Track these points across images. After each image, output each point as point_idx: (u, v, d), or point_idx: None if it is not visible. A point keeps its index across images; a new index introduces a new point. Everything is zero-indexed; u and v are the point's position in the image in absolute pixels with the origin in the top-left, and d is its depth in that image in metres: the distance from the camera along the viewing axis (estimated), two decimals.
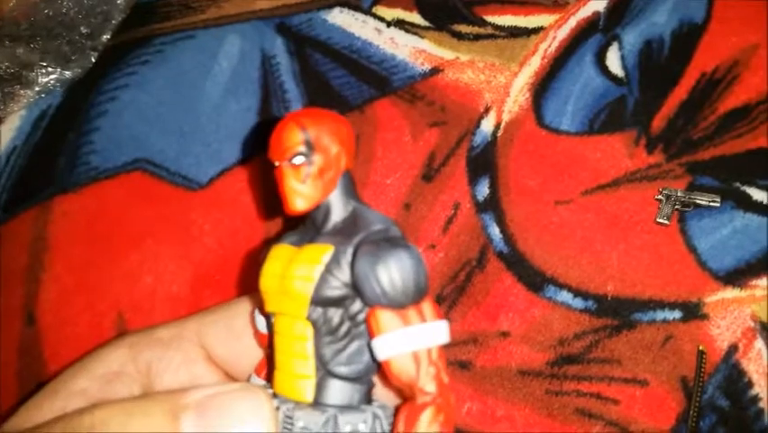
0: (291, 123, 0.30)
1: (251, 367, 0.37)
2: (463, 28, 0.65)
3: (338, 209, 0.30)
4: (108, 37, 0.65)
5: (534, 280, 0.53)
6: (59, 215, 0.56)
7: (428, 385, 0.27)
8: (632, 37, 0.63)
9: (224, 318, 0.39)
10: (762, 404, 0.48)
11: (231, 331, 0.38)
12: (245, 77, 0.63)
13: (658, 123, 0.59)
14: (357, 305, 0.29)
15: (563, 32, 0.64)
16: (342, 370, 0.29)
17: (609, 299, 0.52)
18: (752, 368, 0.49)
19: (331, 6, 0.67)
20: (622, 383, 0.49)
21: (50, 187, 0.58)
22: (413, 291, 0.27)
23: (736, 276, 0.52)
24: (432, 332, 0.28)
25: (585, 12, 0.65)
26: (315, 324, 0.28)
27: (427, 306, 0.28)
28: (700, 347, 0.49)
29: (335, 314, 0.28)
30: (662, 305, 0.51)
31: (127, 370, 0.36)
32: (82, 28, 0.64)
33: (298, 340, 0.28)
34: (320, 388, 0.28)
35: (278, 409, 0.28)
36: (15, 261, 0.54)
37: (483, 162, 0.58)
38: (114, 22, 0.65)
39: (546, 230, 0.55)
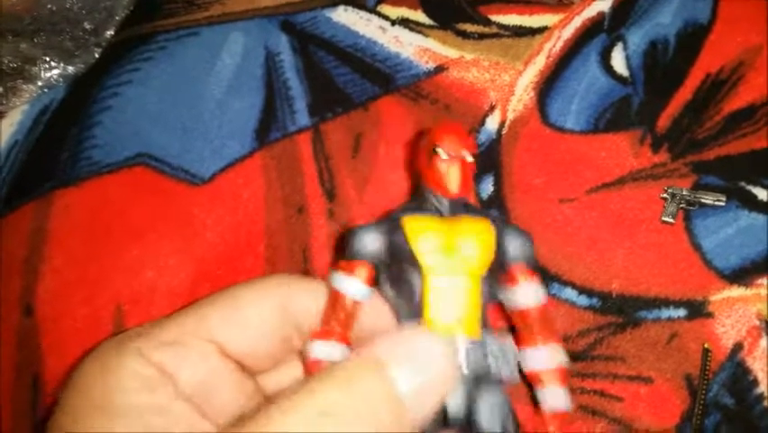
0: (468, 132, 0.41)
1: (265, 355, 0.37)
2: (468, 27, 0.65)
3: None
4: (112, 33, 0.65)
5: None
6: (60, 208, 0.56)
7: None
8: (637, 37, 0.63)
9: (231, 311, 0.37)
10: (767, 403, 0.47)
11: (242, 325, 0.37)
12: (249, 74, 0.63)
13: (663, 122, 0.58)
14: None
15: (568, 32, 0.64)
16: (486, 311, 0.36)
17: (614, 296, 0.52)
18: (757, 366, 0.49)
19: (335, 4, 0.67)
20: (626, 381, 0.49)
21: (52, 181, 0.58)
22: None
23: (741, 275, 0.52)
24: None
25: (590, 12, 0.64)
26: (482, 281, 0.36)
27: None
28: (705, 345, 0.49)
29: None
30: (667, 303, 0.51)
31: (147, 373, 0.34)
32: (86, 23, 0.64)
33: (471, 293, 0.35)
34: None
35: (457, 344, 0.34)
36: (15, 253, 0.54)
37: (488, 160, 0.58)
38: (117, 18, 0.65)
39: (550, 228, 0.55)
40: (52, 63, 0.62)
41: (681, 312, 0.51)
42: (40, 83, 0.62)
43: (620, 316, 0.51)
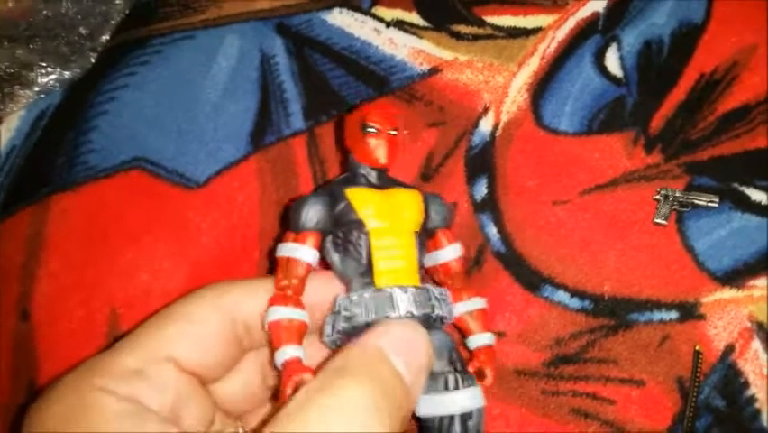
0: (392, 108, 0.46)
1: (220, 362, 0.40)
2: (462, 28, 0.65)
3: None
4: (107, 37, 0.65)
5: (532, 280, 0.53)
6: (56, 213, 0.56)
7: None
8: (631, 38, 0.63)
9: (183, 325, 0.39)
10: (758, 405, 0.48)
11: (195, 339, 0.38)
12: (244, 77, 0.63)
13: (657, 123, 0.58)
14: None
15: (562, 33, 0.64)
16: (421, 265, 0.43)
17: (606, 299, 0.52)
18: (748, 368, 0.49)
19: (330, 7, 0.67)
20: (618, 383, 0.49)
21: (49, 185, 0.58)
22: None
23: (734, 276, 0.52)
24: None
25: (584, 12, 0.65)
26: (415, 237, 0.42)
27: None
28: (697, 347, 0.49)
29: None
30: (659, 305, 0.51)
31: (122, 408, 0.35)
32: (81, 29, 0.64)
33: (409, 248, 0.42)
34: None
35: (406, 291, 0.40)
36: (12, 257, 0.54)
37: (481, 162, 0.58)
38: (113, 22, 0.66)
39: (544, 230, 0.55)
40: (49, 68, 0.63)
41: (673, 314, 0.51)
42: (36, 88, 0.62)
43: (612, 318, 0.51)
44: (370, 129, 0.42)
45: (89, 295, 0.53)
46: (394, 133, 0.43)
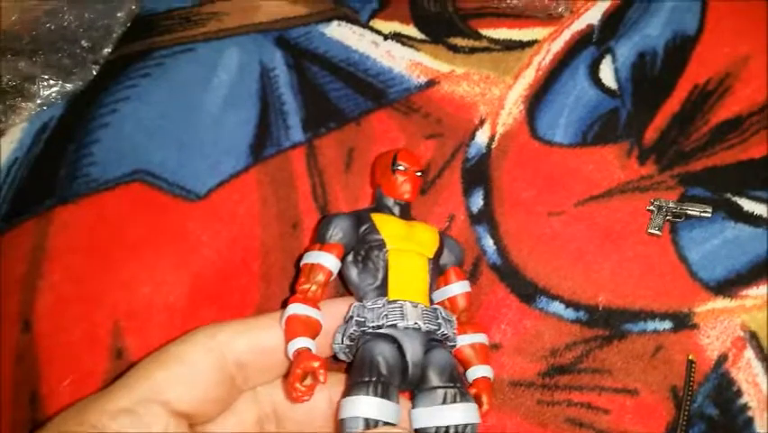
0: (417, 153, 0.54)
1: (212, 402, 0.41)
2: (459, 41, 0.66)
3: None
4: (109, 50, 0.66)
5: (527, 292, 0.54)
6: (58, 225, 0.57)
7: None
8: (625, 49, 0.64)
9: (175, 369, 0.40)
10: (751, 413, 0.48)
11: (187, 381, 0.40)
12: (244, 89, 0.64)
13: (650, 134, 0.59)
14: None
15: (557, 45, 0.64)
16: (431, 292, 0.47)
17: (601, 309, 0.52)
18: (741, 377, 0.50)
19: (329, 20, 0.68)
20: (612, 393, 0.50)
21: (51, 198, 0.58)
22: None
23: (727, 286, 0.53)
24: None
25: (579, 25, 0.65)
26: (430, 263, 0.46)
27: None
28: (690, 356, 0.50)
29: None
30: (652, 315, 0.52)
31: None
32: (83, 41, 0.65)
33: (422, 269, 0.46)
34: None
35: (416, 306, 0.43)
36: (14, 269, 0.55)
37: (478, 174, 0.59)
38: (114, 35, 0.66)
39: (539, 241, 0.56)
40: (51, 81, 0.63)
41: (667, 324, 0.51)
42: (39, 101, 0.63)
43: (607, 329, 0.52)
44: (399, 167, 0.48)
45: (91, 307, 0.54)
46: (420, 174, 0.49)
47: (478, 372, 0.46)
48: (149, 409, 0.37)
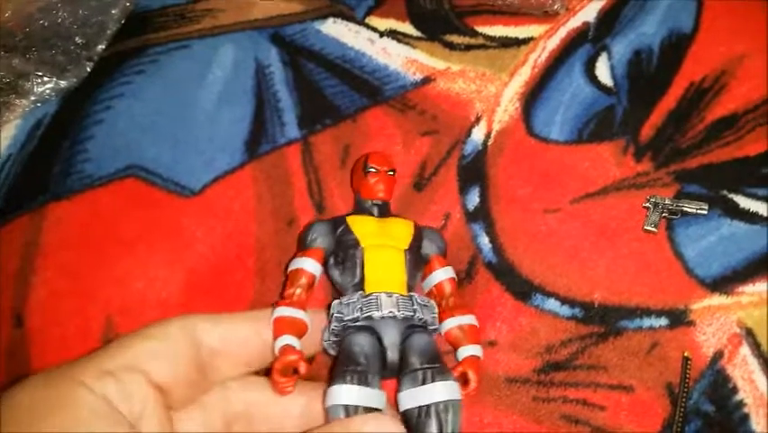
0: (389, 153, 0.57)
1: (185, 384, 0.41)
2: (455, 38, 0.65)
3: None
4: (103, 47, 0.66)
5: (522, 289, 0.53)
6: (52, 221, 0.57)
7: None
8: (621, 47, 0.64)
9: (154, 343, 0.40)
10: (746, 409, 0.48)
11: (164, 355, 0.40)
12: (239, 86, 0.64)
13: (646, 132, 0.59)
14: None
15: (553, 43, 0.64)
16: (411, 281, 0.48)
17: (596, 306, 0.52)
18: (737, 374, 0.49)
19: (325, 17, 0.68)
20: (608, 390, 0.50)
21: (45, 194, 0.58)
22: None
23: (723, 283, 0.53)
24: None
25: (575, 22, 0.65)
26: (406, 255, 0.48)
27: None
28: (685, 353, 0.50)
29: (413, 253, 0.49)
30: (648, 312, 0.52)
31: (96, 406, 0.36)
32: (77, 38, 0.64)
33: (397, 261, 0.48)
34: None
35: (391, 296, 0.45)
36: (7, 265, 0.55)
37: (474, 172, 0.59)
38: (109, 32, 0.66)
39: (535, 239, 0.55)
40: (45, 78, 0.63)
41: (663, 321, 0.51)
42: (32, 98, 0.63)
43: (602, 325, 0.52)
44: (371, 169, 0.51)
45: (84, 302, 0.53)
46: (391, 173, 0.52)
47: (466, 351, 0.47)
48: (131, 377, 0.37)
